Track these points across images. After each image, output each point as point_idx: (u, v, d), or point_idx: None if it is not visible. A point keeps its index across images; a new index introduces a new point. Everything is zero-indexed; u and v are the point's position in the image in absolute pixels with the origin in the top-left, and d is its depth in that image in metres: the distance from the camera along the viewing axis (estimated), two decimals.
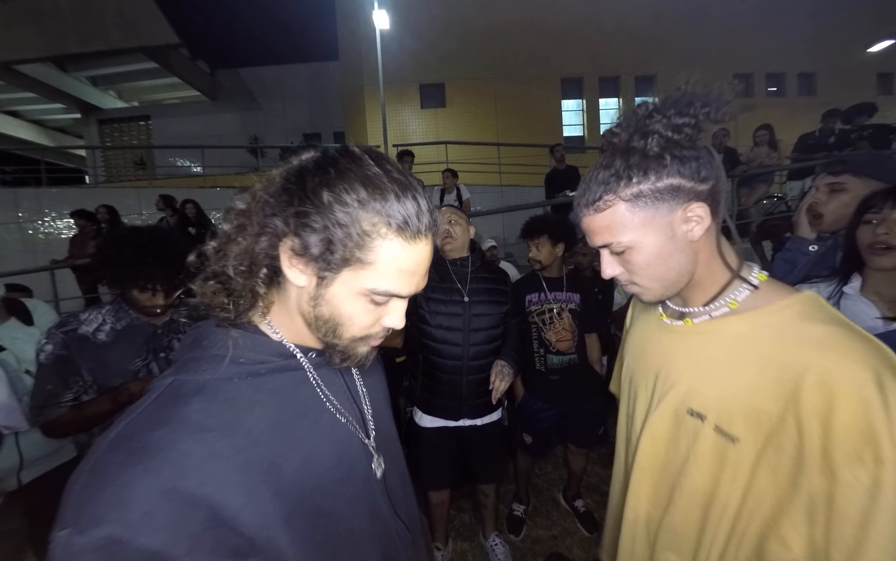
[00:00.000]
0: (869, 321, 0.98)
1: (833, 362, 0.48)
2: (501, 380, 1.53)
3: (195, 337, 0.50)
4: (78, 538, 0.35)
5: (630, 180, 0.55)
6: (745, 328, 0.57)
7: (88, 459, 0.40)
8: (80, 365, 1.09)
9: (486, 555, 1.95)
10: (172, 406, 0.43)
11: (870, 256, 0.97)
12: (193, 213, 4.76)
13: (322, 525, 0.49)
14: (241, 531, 0.41)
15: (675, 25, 10.60)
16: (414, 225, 0.45)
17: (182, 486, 0.39)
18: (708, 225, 0.56)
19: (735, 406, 0.56)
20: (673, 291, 0.61)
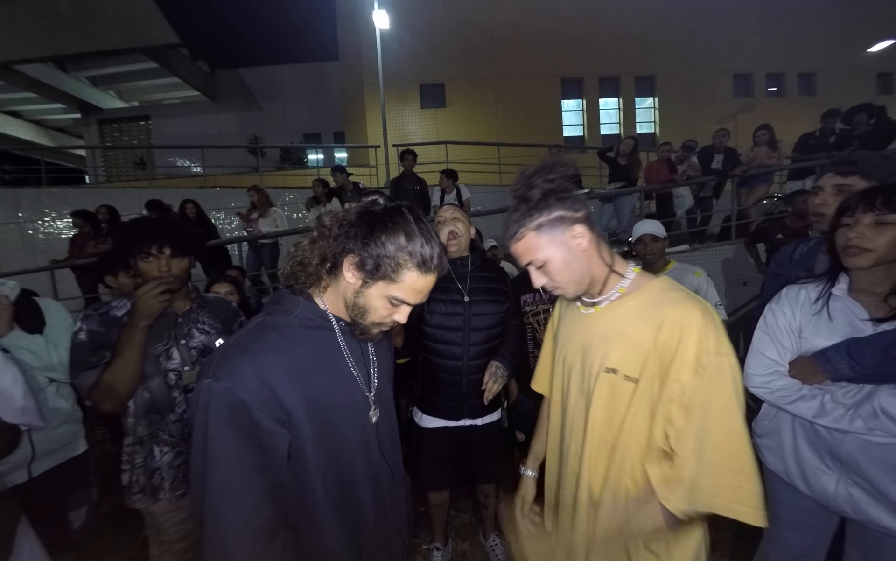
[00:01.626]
0: (858, 323, 0.99)
1: (679, 310, 0.79)
2: (495, 381, 1.53)
3: (277, 297, 0.81)
4: (215, 384, 0.66)
5: (531, 217, 0.83)
6: (632, 303, 0.86)
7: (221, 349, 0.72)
8: (112, 340, 1.18)
9: (486, 555, 1.95)
10: (262, 331, 0.74)
11: (844, 257, 1.01)
12: (193, 213, 4.75)
13: (329, 429, 0.76)
14: (285, 409, 0.70)
15: (675, 25, 10.61)
16: (429, 265, 0.74)
17: (262, 373, 0.68)
18: (589, 238, 0.84)
19: (633, 356, 0.82)
20: (583, 287, 0.88)
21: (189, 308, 1.31)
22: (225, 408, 0.65)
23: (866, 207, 0.96)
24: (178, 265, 1.24)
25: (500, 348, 1.66)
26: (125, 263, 1.25)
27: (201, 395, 0.67)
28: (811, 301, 1.08)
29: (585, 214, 0.84)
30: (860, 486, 0.99)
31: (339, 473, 0.78)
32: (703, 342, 0.74)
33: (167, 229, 1.23)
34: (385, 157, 7.76)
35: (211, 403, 0.65)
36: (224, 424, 0.65)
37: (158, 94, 14.26)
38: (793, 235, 2.61)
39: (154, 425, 1.22)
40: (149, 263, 1.20)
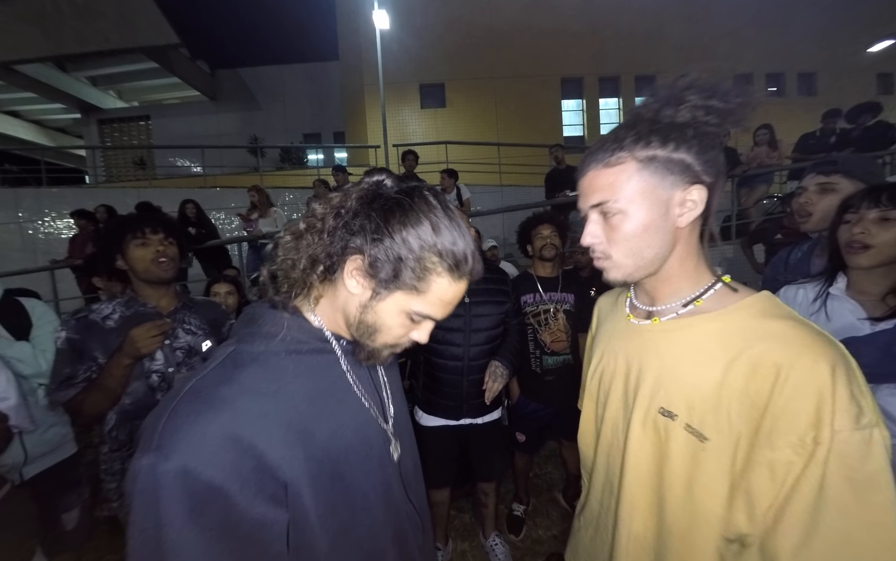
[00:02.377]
0: (856, 322, 0.99)
1: (792, 354, 0.50)
2: (494, 381, 1.53)
3: (252, 315, 0.59)
4: (163, 464, 0.43)
5: (649, 143, 0.56)
6: (714, 326, 0.58)
7: (166, 404, 0.49)
8: (92, 348, 1.15)
9: (486, 555, 1.95)
10: (233, 369, 0.52)
11: (847, 255, 1.00)
12: (193, 213, 4.75)
13: (341, 491, 0.55)
14: (279, 481, 0.48)
15: (675, 25, 10.60)
16: (463, 268, 0.54)
17: (239, 434, 0.46)
18: (697, 215, 0.58)
19: (705, 404, 0.56)
20: (641, 274, 0.62)
21: (174, 307, 1.28)
22: (184, 500, 0.42)
23: (871, 204, 0.96)
24: (172, 249, 1.25)
25: (500, 348, 1.66)
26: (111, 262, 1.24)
27: (140, 481, 0.43)
28: (809, 301, 1.08)
29: (713, 183, 0.57)
30: None
31: (360, 549, 0.58)
32: (827, 403, 0.47)
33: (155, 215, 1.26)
34: (385, 157, 7.76)
35: (161, 495, 0.42)
36: (185, 525, 0.42)
37: (158, 94, 14.26)
38: (792, 235, 2.62)
39: (136, 431, 1.18)
40: (144, 248, 1.20)
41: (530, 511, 2.20)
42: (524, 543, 2.04)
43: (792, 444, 0.49)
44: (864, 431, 0.46)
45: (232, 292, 2.03)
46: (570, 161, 5.53)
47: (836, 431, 0.46)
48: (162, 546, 0.42)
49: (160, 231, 1.23)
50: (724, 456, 0.55)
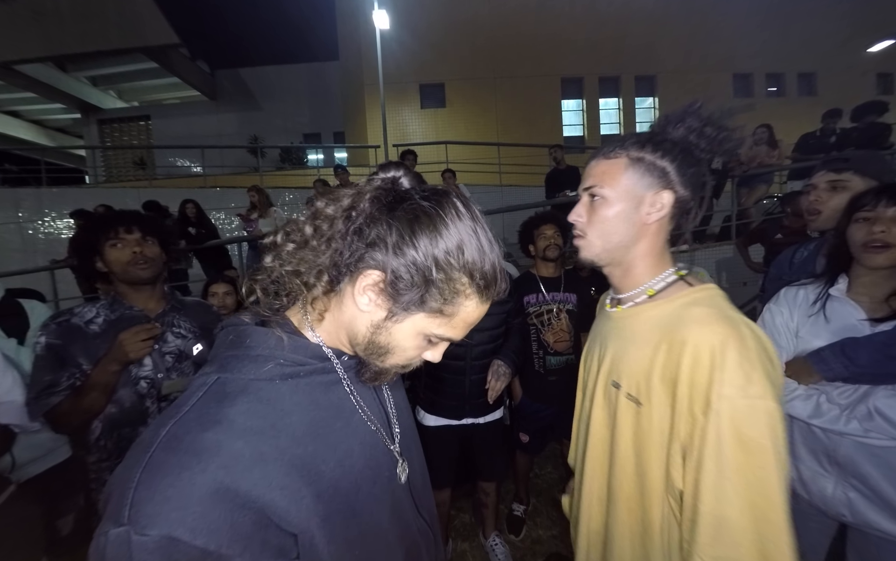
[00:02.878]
0: (856, 324, 0.99)
1: (699, 333, 0.61)
2: (497, 379, 1.53)
3: (236, 335, 0.50)
4: (137, 537, 0.35)
5: (643, 147, 0.67)
6: (654, 312, 0.70)
7: (137, 456, 0.40)
8: (74, 354, 1.09)
9: (486, 555, 1.95)
10: (219, 405, 0.44)
11: (864, 254, 0.97)
12: (193, 213, 4.75)
13: (354, 524, 0.50)
14: (287, 531, 0.42)
15: (675, 25, 10.60)
16: (492, 288, 0.49)
17: (234, 487, 0.39)
18: (661, 218, 0.68)
19: (640, 375, 0.68)
20: (606, 258, 0.73)
21: (163, 310, 1.22)
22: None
23: (890, 201, 0.94)
24: (151, 249, 1.19)
25: (502, 347, 1.66)
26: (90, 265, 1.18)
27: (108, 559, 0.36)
28: (809, 302, 1.08)
29: (685, 199, 0.67)
30: (858, 489, 0.98)
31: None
32: (719, 373, 0.56)
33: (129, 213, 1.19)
34: (385, 157, 7.76)
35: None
36: None
37: (158, 94, 14.27)
38: (792, 235, 2.62)
39: (124, 440, 1.11)
40: (119, 249, 1.14)
41: (530, 511, 2.20)
42: (524, 543, 2.04)
43: (701, 408, 0.58)
44: (750, 400, 0.55)
45: (230, 293, 2.03)
46: (570, 161, 5.53)
47: (722, 396, 0.56)
48: None
49: (135, 230, 1.16)
50: (656, 419, 0.66)
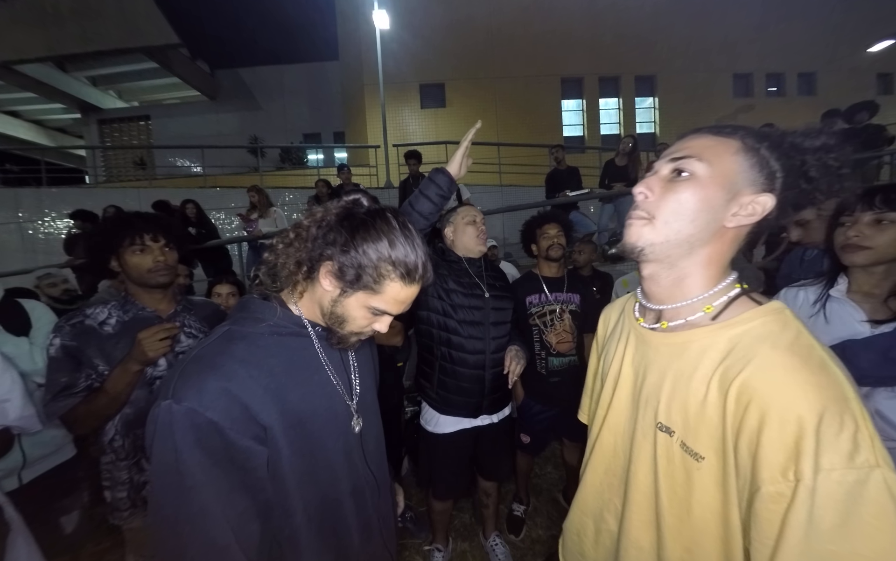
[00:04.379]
0: (856, 325, 0.99)
1: (785, 396, 0.48)
2: (518, 362, 1.53)
3: (244, 304, 0.74)
4: (176, 406, 0.59)
5: (758, 139, 0.56)
6: (709, 341, 0.56)
7: (178, 366, 0.65)
8: (90, 355, 1.10)
9: (486, 555, 1.95)
10: (228, 343, 0.68)
11: (843, 256, 1.02)
12: (194, 213, 4.74)
13: (308, 443, 0.71)
14: (261, 424, 0.65)
15: (675, 25, 10.60)
16: (413, 276, 0.68)
17: (231, 388, 0.62)
18: (747, 224, 0.57)
19: (696, 420, 0.55)
20: (665, 250, 0.59)
21: (174, 311, 1.25)
22: (192, 431, 0.59)
23: (865, 206, 0.97)
24: (171, 256, 1.21)
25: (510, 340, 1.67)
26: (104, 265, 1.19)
27: (160, 419, 0.60)
28: (809, 303, 1.08)
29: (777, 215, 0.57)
30: None
31: (320, 491, 0.73)
32: (812, 441, 0.44)
33: (157, 219, 1.20)
34: (385, 158, 7.76)
35: (175, 428, 0.59)
36: (194, 449, 0.59)
37: (158, 94, 14.26)
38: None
39: (140, 440, 1.13)
40: (141, 256, 1.15)
41: (530, 511, 2.20)
42: (524, 543, 2.04)
43: (773, 477, 0.46)
44: (861, 470, 0.43)
45: (234, 293, 2.04)
46: (570, 161, 5.53)
47: (821, 468, 0.43)
48: (179, 466, 0.59)
49: (161, 238, 1.19)
50: (719, 475, 0.53)
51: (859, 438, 0.44)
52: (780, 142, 0.56)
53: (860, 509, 0.42)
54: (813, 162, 0.54)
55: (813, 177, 0.54)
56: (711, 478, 0.54)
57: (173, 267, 1.21)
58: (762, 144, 0.56)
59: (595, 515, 0.75)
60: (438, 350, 1.62)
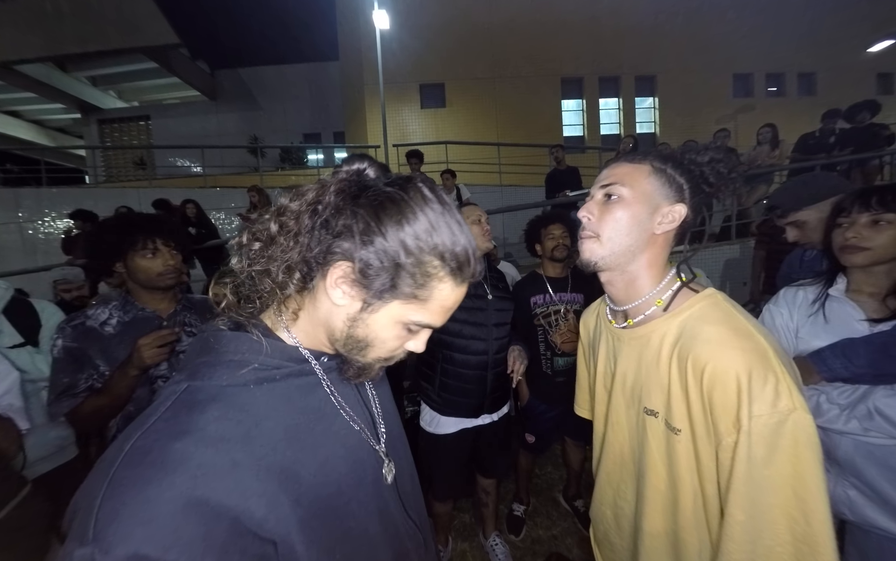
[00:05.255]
0: (855, 324, 1.00)
1: (719, 357, 0.60)
2: (521, 362, 1.54)
3: (205, 341, 0.49)
4: (103, 558, 0.34)
5: (665, 160, 0.71)
6: (664, 329, 0.69)
7: (102, 472, 0.38)
8: (92, 356, 1.11)
9: (486, 555, 1.95)
10: (188, 414, 0.42)
11: (842, 256, 1.03)
12: (194, 213, 4.75)
13: (336, 528, 0.49)
14: (265, 538, 0.41)
15: (675, 25, 10.60)
16: (467, 272, 0.48)
17: (206, 497, 0.38)
18: (670, 230, 0.70)
19: (670, 399, 0.66)
20: (613, 260, 0.71)
21: (174, 310, 1.25)
22: None
23: (862, 208, 0.98)
24: (177, 259, 1.23)
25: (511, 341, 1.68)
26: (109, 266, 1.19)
27: None
28: (809, 302, 1.09)
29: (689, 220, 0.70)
30: (858, 488, 0.99)
31: None
32: (746, 395, 0.56)
33: (166, 223, 1.22)
34: (385, 157, 7.75)
35: None
36: None
37: (158, 94, 14.26)
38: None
39: None
40: (151, 259, 1.17)
41: (530, 511, 2.20)
42: (524, 543, 2.04)
43: (728, 429, 0.58)
44: (782, 414, 0.55)
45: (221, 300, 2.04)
46: (570, 161, 5.53)
47: (753, 416, 0.56)
48: None
49: (170, 242, 1.20)
50: (690, 442, 0.65)
51: (780, 388, 0.56)
52: (680, 160, 0.72)
53: (780, 442, 0.55)
54: (709, 171, 0.70)
55: (712, 182, 0.70)
56: (688, 446, 0.65)
57: (180, 269, 1.23)
58: (667, 165, 0.70)
59: (611, 505, 0.84)
60: (440, 352, 1.61)
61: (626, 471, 0.79)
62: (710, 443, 0.62)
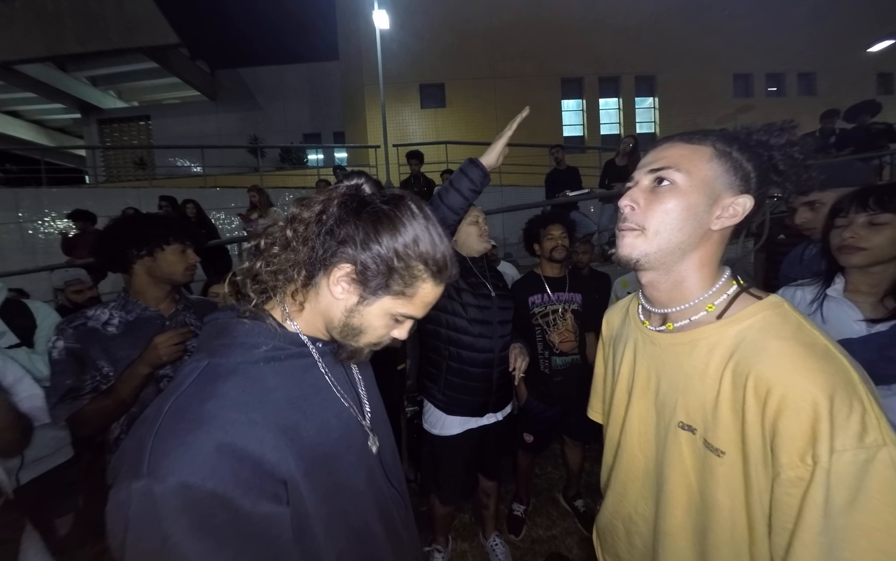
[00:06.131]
0: (852, 324, 0.99)
1: (792, 381, 0.50)
2: (523, 359, 1.54)
3: (221, 327, 0.59)
4: (158, 486, 0.43)
5: (730, 142, 0.59)
6: (716, 338, 0.59)
7: (147, 426, 0.48)
8: (94, 357, 1.09)
9: (486, 555, 1.95)
10: (213, 384, 0.52)
11: (840, 257, 1.02)
12: (194, 213, 4.75)
13: (331, 481, 0.59)
14: (279, 478, 0.51)
15: (675, 25, 10.61)
16: (444, 275, 0.59)
17: (233, 444, 0.48)
18: (729, 225, 0.59)
19: (715, 418, 0.57)
20: (659, 258, 0.61)
21: (175, 310, 1.26)
22: (188, 513, 0.44)
23: (859, 208, 0.97)
24: (196, 260, 1.29)
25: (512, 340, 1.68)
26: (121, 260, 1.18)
27: (134, 507, 0.44)
28: (806, 302, 1.09)
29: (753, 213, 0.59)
30: None
31: (352, 531, 0.63)
32: (827, 425, 0.47)
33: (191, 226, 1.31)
34: (385, 158, 7.75)
35: (162, 515, 0.43)
36: (194, 537, 0.44)
37: (158, 94, 14.27)
38: (795, 234, 2.61)
39: None
40: (182, 256, 1.23)
41: (530, 511, 2.20)
42: (524, 543, 2.04)
43: (792, 462, 0.49)
44: (870, 450, 0.45)
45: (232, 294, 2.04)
46: (570, 161, 5.54)
47: (835, 450, 0.46)
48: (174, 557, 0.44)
49: (195, 244, 1.28)
50: (740, 467, 0.55)
51: (867, 419, 0.46)
52: (748, 142, 0.59)
53: (869, 485, 0.45)
54: (780, 156, 0.58)
55: (782, 170, 0.58)
56: (733, 471, 0.55)
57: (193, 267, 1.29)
58: (733, 147, 0.59)
59: (624, 518, 0.77)
60: (446, 350, 1.60)
61: (646, 486, 0.70)
62: (765, 473, 0.52)
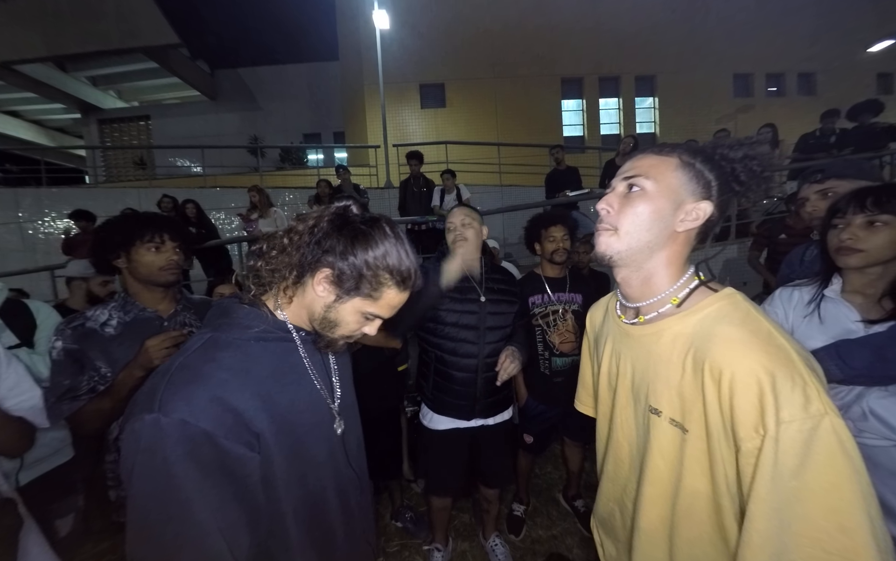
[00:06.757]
0: (850, 325, 0.99)
1: (739, 362, 0.56)
2: (512, 361, 1.50)
3: (225, 309, 0.73)
4: (164, 418, 0.57)
5: (693, 154, 0.67)
6: (678, 328, 0.66)
7: (161, 376, 0.62)
8: (93, 358, 1.10)
9: (486, 555, 1.95)
10: (213, 351, 0.66)
11: (837, 258, 1.02)
12: (193, 213, 4.75)
13: (296, 447, 0.72)
14: (252, 431, 0.64)
15: (675, 25, 10.60)
16: (408, 283, 0.72)
17: (223, 397, 0.62)
18: (692, 229, 0.67)
19: (680, 400, 0.64)
20: (629, 256, 0.69)
21: (174, 311, 1.26)
22: (183, 443, 0.57)
23: (857, 209, 0.97)
24: (180, 256, 1.24)
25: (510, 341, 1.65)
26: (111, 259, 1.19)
27: (145, 433, 0.57)
28: (804, 303, 1.09)
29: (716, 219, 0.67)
30: None
31: (308, 493, 0.74)
32: (772, 398, 0.52)
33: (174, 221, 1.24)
34: (385, 158, 7.75)
35: (165, 441, 0.56)
36: (187, 462, 0.57)
37: (158, 94, 14.26)
38: (796, 235, 2.61)
39: None
40: (156, 253, 1.18)
41: (530, 511, 2.20)
42: (524, 543, 2.04)
43: (748, 434, 0.55)
44: (814, 418, 0.51)
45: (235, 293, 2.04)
46: (570, 161, 5.53)
47: (781, 421, 0.51)
48: (170, 481, 0.56)
49: (176, 238, 1.22)
50: (704, 444, 0.62)
51: (808, 391, 0.52)
52: (711, 155, 0.67)
53: (814, 450, 0.50)
54: (741, 168, 0.65)
55: (743, 180, 0.65)
56: (696, 447, 0.63)
57: (181, 266, 1.24)
58: (696, 159, 0.66)
59: (617, 501, 0.84)
60: (433, 353, 1.63)
61: (632, 469, 0.78)
62: (728, 447, 0.58)
